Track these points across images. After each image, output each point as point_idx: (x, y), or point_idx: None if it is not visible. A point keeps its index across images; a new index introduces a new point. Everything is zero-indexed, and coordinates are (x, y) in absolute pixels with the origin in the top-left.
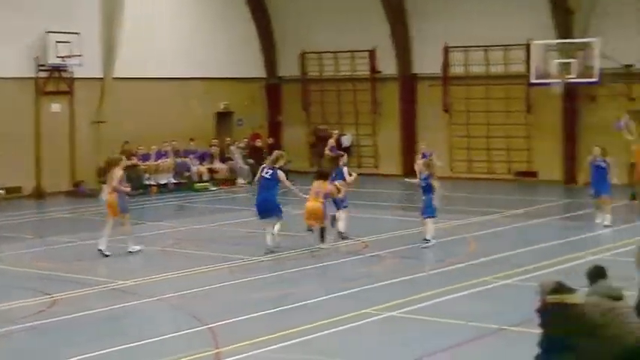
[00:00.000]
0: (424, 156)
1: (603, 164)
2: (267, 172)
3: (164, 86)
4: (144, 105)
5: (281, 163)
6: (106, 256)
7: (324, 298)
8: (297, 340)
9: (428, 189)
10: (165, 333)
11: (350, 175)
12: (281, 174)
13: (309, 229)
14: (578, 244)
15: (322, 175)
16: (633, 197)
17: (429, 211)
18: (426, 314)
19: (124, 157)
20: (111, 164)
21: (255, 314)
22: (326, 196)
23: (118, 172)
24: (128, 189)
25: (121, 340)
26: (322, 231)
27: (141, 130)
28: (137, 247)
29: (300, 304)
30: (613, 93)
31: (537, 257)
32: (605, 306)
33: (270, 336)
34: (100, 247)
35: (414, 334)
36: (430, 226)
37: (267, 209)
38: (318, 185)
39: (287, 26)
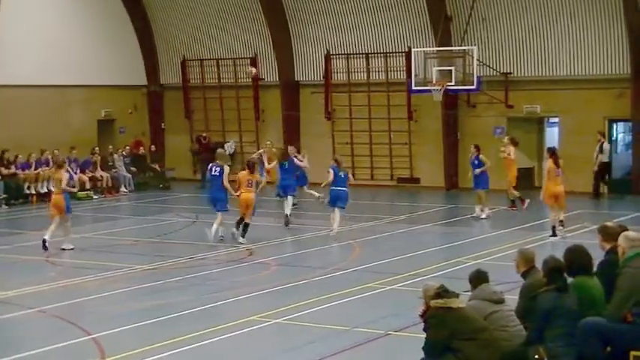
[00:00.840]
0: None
1: (477, 162)
2: (215, 170)
3: (43, 93)
4: (22, 112)
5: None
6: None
7: (210, 305)
8: (184, 348)
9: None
10: (50, 344)
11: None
12: (226, 170)
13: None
14: (460, 248)
15: (248, 167)
16: (513, 203)
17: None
18: (312, 321)
19: (66, 159)
20: (57, 166)
21: (140, 323)
22: (256, 184)
23: (64, 174)
24: (75, 189)
25: (3, 353)
26: (246, 226)
27: (19, 138)
28: (71, 246)
29: (186, 312)
30: (491, 100)
31: (420, 262)
32: (487, 309)
33: (157, 344)
34: (46, 238)
35: (300, 340)
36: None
37: (218, 203)
38: (245, 176)
39: (168, 33)
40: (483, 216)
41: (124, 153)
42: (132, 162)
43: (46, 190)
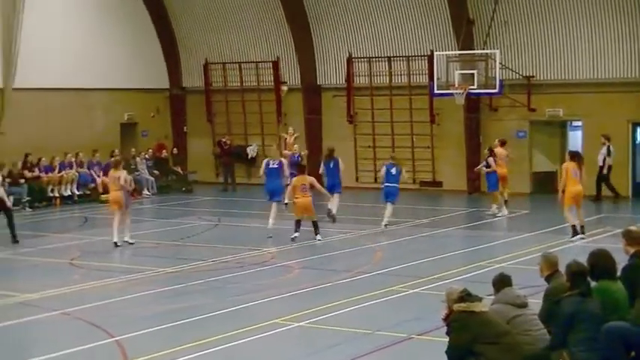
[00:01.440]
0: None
1: (485, 164)
2: (273, 164)
3: (66, 97)
4: (45, 116)
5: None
6: (118, 246)
7: (233, 308)
8: (206, 351)
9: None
10: (73, 347)
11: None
12: (285, 163)
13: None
14: (483, 252)
15: (300, 170)
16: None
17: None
18: (334, 324)
19: (122, 160)
20: (115, 165)
21: (163, 326)
22: (311, 187)
23: (123, 172)
24: (132, 187)
25: (26, 355)
26: (315, 224)
27: (43, 142)
28: (132, 241)
29: (208, 315)
30: (514, 104)
31: (443, 266)
32: (510, 313)
33: (179, 347)
34: (115, 241)
35: (323, 343)
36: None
37: (276, 193)
38: (300, 180)
39: (190, 37)
40: (499, 215)
41: (146, 156)
42: (154, 165)
43: (69, 193)
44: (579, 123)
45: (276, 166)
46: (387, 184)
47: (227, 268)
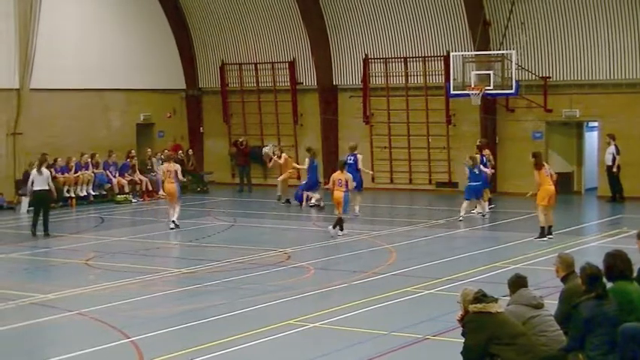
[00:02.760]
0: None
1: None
2: (350, 158)
3: (82, 97)
4: (62, 116)
5: (359, 149)
6: (177, 226)
7: (247, 309)
8: (221, 351)
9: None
10: (88, 347)
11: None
12: (360, 158)
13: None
14: (499, 253)
15: (340, 167)
16: None
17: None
18: (349, 325)
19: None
20: (167, 160)
21: (178, 326)
22: (347, 184)
23: (176, 167)
24: (184, 179)
25: (42, 356)
26: (339, 221)
27: (59, 142)
28: (177, 222)
29: (223, 315)
30: (530, 104)
31: (458, 267)
32: (526, 314)
33: (195, 348)
34: (174, 219)
35: (337, 344)
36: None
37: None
38: (337, 175)
39: (207, 38)
40: (481, 211)
41: (162, 157)
42: None
43: (85, 194)
44: (596, 124)
45: (352, 162)
46: (470, 183)
47: (242, 268)
